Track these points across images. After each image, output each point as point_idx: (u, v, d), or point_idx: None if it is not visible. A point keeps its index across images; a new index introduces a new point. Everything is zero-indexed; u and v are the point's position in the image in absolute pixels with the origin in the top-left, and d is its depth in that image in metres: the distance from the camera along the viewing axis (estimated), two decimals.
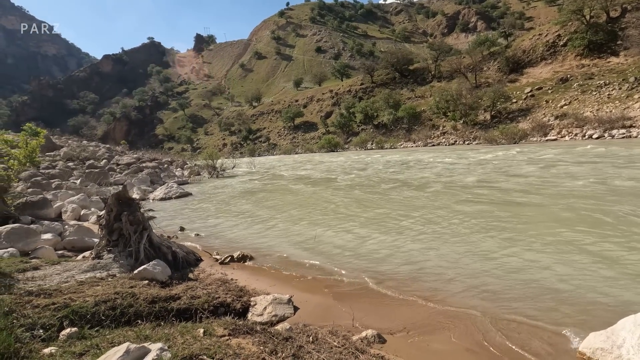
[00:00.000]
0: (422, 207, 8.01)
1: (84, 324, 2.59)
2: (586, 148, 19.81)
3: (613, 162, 13.15)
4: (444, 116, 48.72)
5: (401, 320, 3.25)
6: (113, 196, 4.34)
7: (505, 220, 6.29)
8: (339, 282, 4.25)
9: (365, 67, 70.08)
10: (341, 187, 12.91)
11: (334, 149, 52.83)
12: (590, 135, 30.49)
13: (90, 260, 4.11)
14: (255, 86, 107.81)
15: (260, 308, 3.38)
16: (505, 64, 51.26)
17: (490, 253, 4.79)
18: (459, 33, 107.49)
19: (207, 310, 3.20)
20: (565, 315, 3.16)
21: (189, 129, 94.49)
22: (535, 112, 40.27)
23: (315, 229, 6.87)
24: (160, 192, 14.21)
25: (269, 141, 71.49)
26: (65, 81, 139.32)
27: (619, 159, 13.74)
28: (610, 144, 22.12)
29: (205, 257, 5.41)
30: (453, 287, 3.86)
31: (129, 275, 3.70)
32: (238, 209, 10.25)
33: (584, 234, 5.21)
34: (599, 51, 42.92)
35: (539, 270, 4.12)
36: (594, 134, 30.33)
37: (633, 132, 28.05)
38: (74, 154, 22.44)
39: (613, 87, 36.66)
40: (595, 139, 29.17)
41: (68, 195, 11.06)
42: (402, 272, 4.39)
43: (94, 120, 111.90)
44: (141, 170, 20.88)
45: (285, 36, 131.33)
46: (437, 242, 5.44)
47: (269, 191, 13.99)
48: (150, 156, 32.72)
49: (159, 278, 3.71)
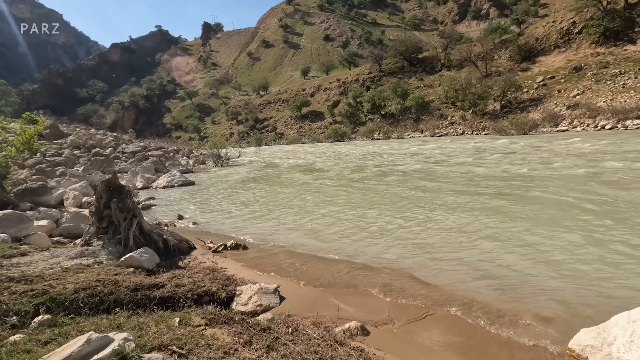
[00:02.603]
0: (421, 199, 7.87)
1: (60, 311, 2.56)
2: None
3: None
4: (452, 106, 47.92)
5: (389, 312, 3.18)
6: (103, 183, 4.30)
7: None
8: (331, 272, 4.18)
9: (373, 56, 69.03)
10: (340, 178, 12.80)
11: (340, 138, 52.50)
12: (603, 126, 29.71)
13: (79, 247, 4.09)
14: (262, 75, 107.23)
15: (245, 297, 3.33)
16: (517, 52, 49.98)
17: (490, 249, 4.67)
18: (471, 20, 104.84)
19: (191, 299, 3.15)
20: (556, 309, 3.05)
21: (197, 118, 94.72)
22: (546, 102, 39.34)
23: (312, 220, 6.81)
24: (163, 180, 14.25)
25: (276, 130, 71.32)
26: (74, 70, 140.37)
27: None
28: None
29: (199, 246, 5.38)
30: (443, 277, 3.76)
31: (115, 263, 3.68)
32: (239, 198, 10.23)
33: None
34: (615, 39, 41.52)
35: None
36: (607, 124, 29.53)
37: None
38: (81, 142, 22.63)
39: (629, 76, 35.56)
40: (608, 130, 28.43)
41: (71, 183, 11.15)
42: (396, 265, 4.30)
43: (103, 109, 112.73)
44: (146, 159, 20.99)
45: (293, 24, 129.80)
46: (434, 237, 5.33)
47: (272, 181, 13.95)
48: (157, 145, 32.94)
49: (146, 266, 3.67)
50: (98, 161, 16.51)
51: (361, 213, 6.94)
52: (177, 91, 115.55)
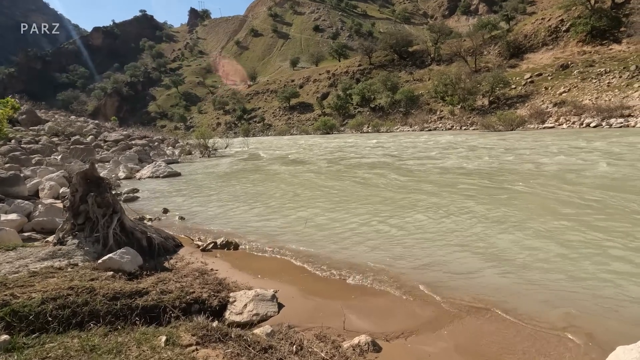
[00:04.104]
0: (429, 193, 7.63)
1: (24, 327, 2.17)
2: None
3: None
4: (441, 100, 47.99)
5: (399, 322, 2.88)
6: (79, 174, 3.85)
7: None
8: (331, 275, 3.86)
9: (363, 48, 68.43)
10: (331, 171, 12.49)
11: (329, 131, 52.08)
12: (588, 123, 30.15)
13: (51, 246, 3.66)
14: (250, 64, 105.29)
15: (240, 305, 2.99)
16: (506, 49, 50.28)
17: (507, 252, 4.44)
18: (460, 15, 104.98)
19: (179, 308, 2.79)
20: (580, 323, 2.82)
21: (182, 107, 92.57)
22: (533, 98, 39.76)
23: (306, 215, 6.48)
24: (147, 170, 13.66)
25: (264, 121, 70.30)
26: (53, 53, 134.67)
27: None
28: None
29: (186, 243, 4.99)
30: (450, 280, 3.50)
31: (92, 265, 3.27)
32: (228, 191, 9.80)
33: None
34: (602, 38, 42.10)
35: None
36: (591, 122, 29.98)
37: (631, 121, 27.74)
38: (60, 128, 21.61)
39: (613, 75, 36.15)
40: (592, 128, 28.87)
41: (48, 172, 10.49)
42: (405, 265, 4.01)
43: (84, 95, 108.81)
44: (130, 148, 20.19)
45: (282, 13, 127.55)
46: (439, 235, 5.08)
47: (262, 173, 13.52)
48: (141, 133, 31.86)
49: (127, 268, 3.28)
50: (78, 149, 15.74)
51: (360, 209, 6.65)
52: (162, 79, 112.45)
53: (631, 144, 14.81)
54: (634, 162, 9.90)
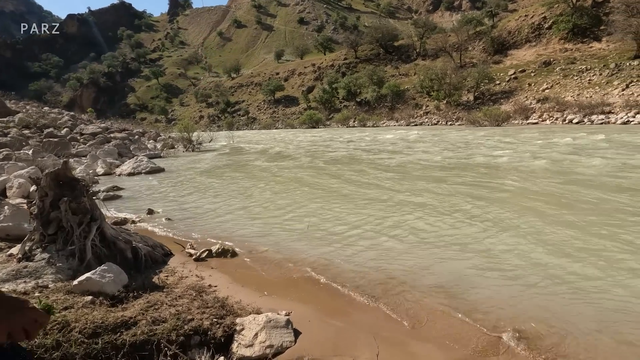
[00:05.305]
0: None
1: None
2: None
3: None
4: (427, 95, 48.07)
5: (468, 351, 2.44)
6: (48, 175, 3.23)
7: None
8: (350, 290, 3.38)
9: (349, 42, 67.82)
10: (318, 166, 12.02)
11: (315, 125, 51.49)
12: (571, 120, 30.69)
13: (15, 262, 3.05)
14: (234, 56, 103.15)
15: (250, 335, 2.49)
16: (490, 45, 50.71)
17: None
18: (444, 11, 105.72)
19: (176, 343, 2.27)
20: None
21: (163, 99, 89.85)
22: (517, 94, 40.25)
23: (305, 213, 5.99)
24: (128, 166, 12.83)
25: (248, 115, 68.97)
26: (25, 41, 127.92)
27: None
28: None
29: (177, 251, 4.42)
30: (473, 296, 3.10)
31: (66, 287, 2.68)
32: (216, 188, 9.19)
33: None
34: (583, 35, 42.91)
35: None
36: (574, 118, 30.52)
37: (611, 118, 28.36)
38: (31, 120, 20.26)
39: (594, 73, 36.90)
40: (575, 124, 29.38)
41: (17, 168, 9.60)
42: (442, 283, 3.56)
43: (58, 85, 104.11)
44: (108, 142, 19.10)
45: (266, 4, 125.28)
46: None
47: (250, 169, 12.91)
48: (120, 126, 30.47)
49: (109, 290, 2.71)
50: (52, 143, 14.68)
51: (364, 209, 6.21)
52: (141, 70, 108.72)
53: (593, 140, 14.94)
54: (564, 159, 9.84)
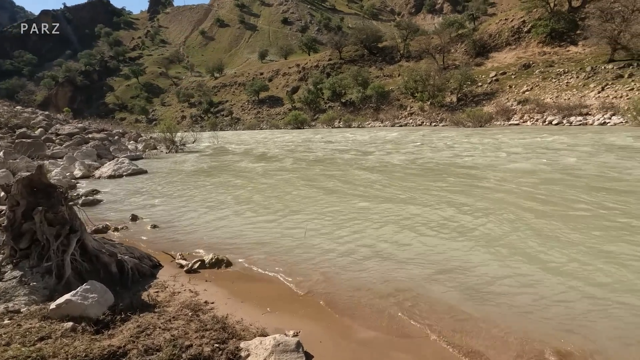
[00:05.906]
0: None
1: None
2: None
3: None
4: (412, 97, 48.50)
5: None
6: (20, 182, 2.84)
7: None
8: (360, 304, 3.11)
9: (333, 42, 67.80)
10: (302, 168, 11.77)
11: (300, 125, 51.17)
12: (550, 121, 31.45)
13: None
14: (217, 56, 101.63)
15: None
16: (472, 47, 51.61)
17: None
18: (426, 14, 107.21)
19: None
20: None
21: (144, 99, 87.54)
22: (499, 96, 41.07)
23: (302, 218, 5.72)
24: (108, 168, 12.22)
25: (232, 115, 67.97)
26: None
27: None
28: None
29: (166, 261, 4.08)
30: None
31: (42, 312, 2.33)
32: (203, 191, 8.81)
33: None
34: (560, 39, 44.20)
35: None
36: (553, 120, 31.29)
37: (589, 119, 29.20)
38: (2, 120, 19.22)
39: (571, 76, 38.01)
40: (555, 125, 30.13)
41: None
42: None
43: (32, 84, 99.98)
44: (86, 142, 18.29)
45: (249, 4, 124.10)
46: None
47: (237, 170, 12.52)
48: (99, 126, 29.37)
49: (93, 314, 2.36)
50: (24, 144, 13.88)
51: (363, 209, 5.98)
52: (121, 68, 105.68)
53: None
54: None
